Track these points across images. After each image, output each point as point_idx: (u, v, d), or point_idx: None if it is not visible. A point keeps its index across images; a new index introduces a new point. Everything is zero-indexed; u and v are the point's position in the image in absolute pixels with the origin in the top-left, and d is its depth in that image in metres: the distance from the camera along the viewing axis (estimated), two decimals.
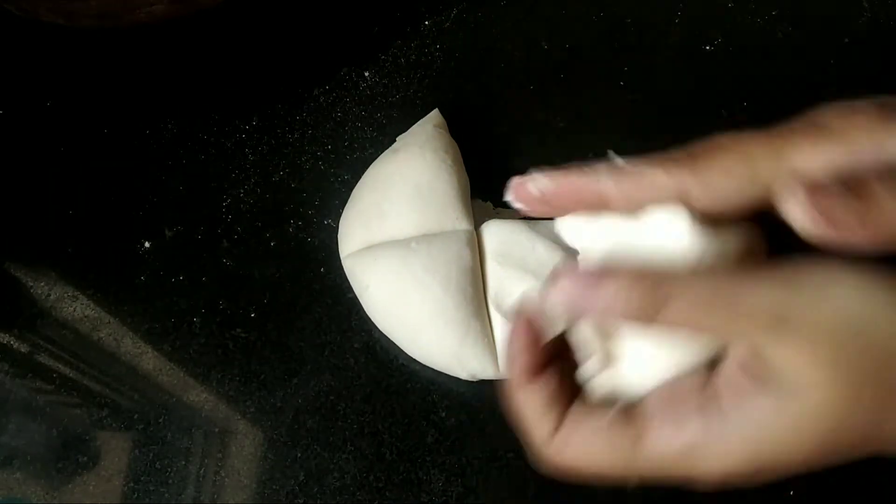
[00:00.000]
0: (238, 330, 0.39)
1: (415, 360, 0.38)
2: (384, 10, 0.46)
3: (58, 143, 0.44)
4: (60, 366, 0.39)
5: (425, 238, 0.37)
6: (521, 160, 0.42)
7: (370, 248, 0.38)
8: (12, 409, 0.39)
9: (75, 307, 0.40)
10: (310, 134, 0.43)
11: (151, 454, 0.38)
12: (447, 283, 0.36)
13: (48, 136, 0.44)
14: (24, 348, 0.40)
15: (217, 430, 0.38)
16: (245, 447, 0.38)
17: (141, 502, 0.37)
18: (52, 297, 0.41)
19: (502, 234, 0.37)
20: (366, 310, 0.38)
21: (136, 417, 0.38)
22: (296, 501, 0.37)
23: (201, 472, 0.37)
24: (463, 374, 0.36)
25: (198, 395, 0.39)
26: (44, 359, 0.40)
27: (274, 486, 0.37)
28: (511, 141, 0.43)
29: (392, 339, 0.38)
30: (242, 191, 0.42)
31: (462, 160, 0.40)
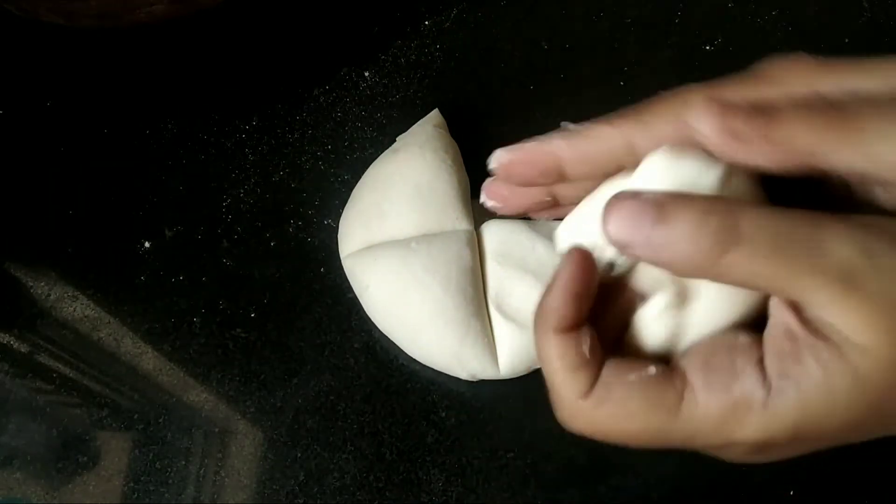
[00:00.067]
0: (238, 330, 0.39)
1: (415, 360, 0.38)
2: (384, 10, 0.46)
3: (58, 143, 0.43)
4: (60, 366, 0.39)
5: (425, 238, 0.37)
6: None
7: (370, 248, 0.38)
8: (12, 409, 0.39)
9: (75, 307, 0.40)
10: (310, 134, 0.43)
11: (151, 454, 0.38)
12: (447, 283, 0.36)
13: (48, 136, 0.44)
14: (24, 348, 0.40)
15: (217, 430, 0.38)
16: (245, 447, 0.38)
17: (141, 502, 0.37)
18: (52, 297, 0.41)
19: (502, 234, 0.37)
20: (366, 310, 0.38)
21: (136, 417, 0.38)
22: (296, 501, 0.37)
23: (201, 472, 0.37)
24: (463, 374, 0.37)
25: (198, 395, 0.39)
26: (44, 359, 0.40)
27: (274, 486, 0.37)
28: (511, 141, 0.42)
29: (392, 339, 0.38)
30: (242, 191, 0.42)
31: (462, 160, 0.40)
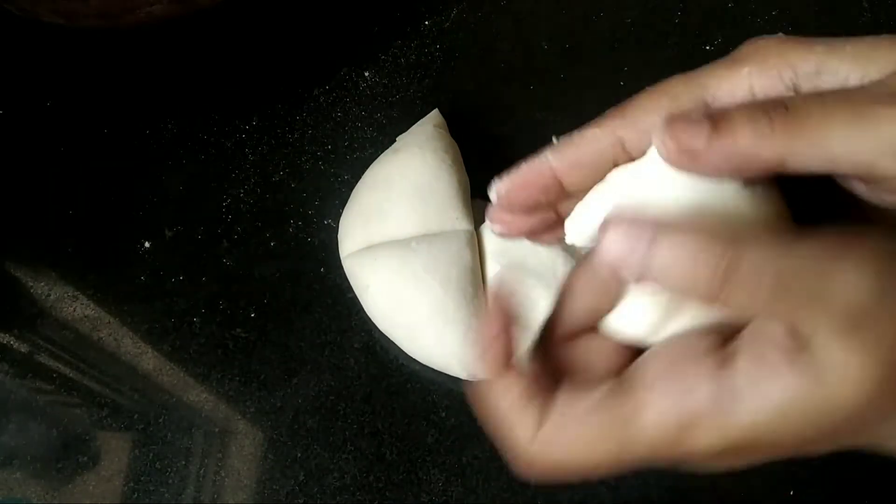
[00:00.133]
0: (238, 330, 0.39)
1: (415, 360, 0.38)
2: (384, 10, 0.46)
3: (58, 143, 0.43)
4: (60, 366, 0.39)
5: (425, 238, 0.37)
6: (521, 160, 0.42)
7: (370, 248, 0.38)
8: (12, 409, 0.39)
9: (75, 307, 0.40)
10: (310, 134, 0.43)
11: (151, 454, 0.38)
12: (447, 283, 0.36)
13: (48, 136, 0.44)
14: (24, 348, 0.40)
15: (217, 430, 0.38)
16: (245, 447, 0.38)
17: (141, 502, 0.37)
18: (52, 297, 0.41)
19: None
20: (366, 310, 0.38)
21: (136, 417, 0.38)
22: (296, 501, 0.37)
23: (201, 472, 0.37)
24: (463, 374, 0.36)
25: (198, 395, 0.39)
26: (44, 359, 0.40)
27: (274, 486, 0.37)
28: (511, 141, 0.43)
29: (392, 339, 0.38)
30: (242, 191, 0.42)
31: (462, 160, 0.40)
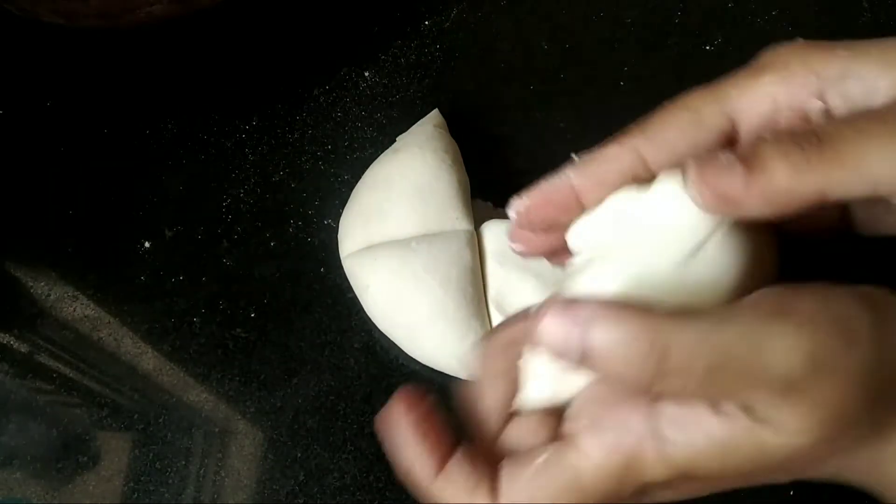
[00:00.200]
0: (238, 330, 0.39)
1: (415, 360, 0.38)
2: (384, 10, 0.46)
3: (58, 143, 0.43)
4: (60, 366, 0.39)
5: (425, 238, 0.37)
6: (521, 160, 0.42)
7: (370, 248, 0.38)
8: (12, 409, 0.39)
9: (75, 307, 0.40)
10: (310, 134, 0.43)
11: (151, 454, 0.38)
12: (447, 283, 0.36)
13: (48, 136, 0.44)
14: (24, 348, 0.40)
15: (217, 430, 0.38)
16: (245, 447, 0.38)
17: (141, 502, 0.37)
18: (52, 297, 0.41)
19: (502, 234, 0.37)
20: (366, 310, 0.38)
21: (136, 417, 0.38)
22: (296, 501, 0.37)
23: (201, 472, 0.37)
24: (463, 375, 0.36)
25: (198, 395, 0.39)
26: (44, 359, 0.40)
27: (274, 486, 0.37)
28: (511, 141, 0.43)
29: (392, 339, 0.38)
30: (242, 191, 0.42)
31: (462, 160, 0.40)
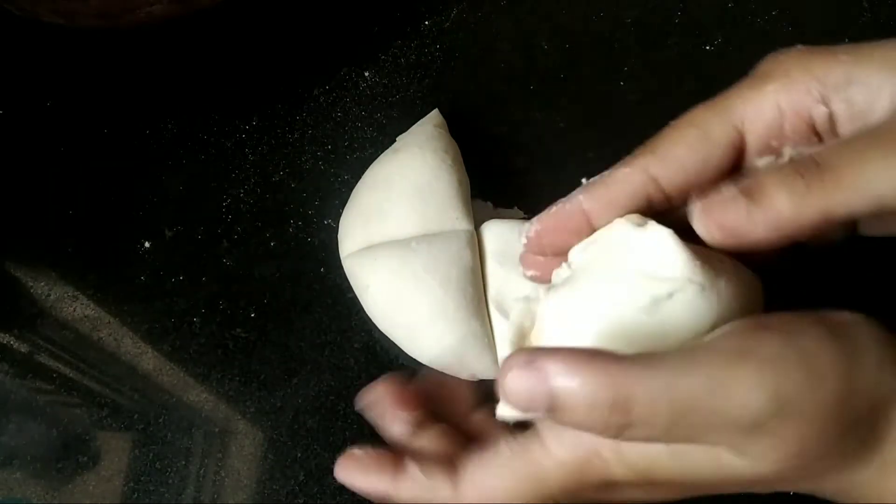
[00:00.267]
0: (238, 330, 0.39)
1: (415, 360, 0.38)
2: (384, 10, 0.46)
3: (58, 143, 0.43)
4: (60, 366, 0.39)
5: (425, 238, 0.37)
6: (521, 160, 0.42)
7: (370, 248, 0.38)
8: (12, 409, 0.39)
9: (75, 307, 0.40)
10: (310, 134, 0.43)
11: (151, 454, 0.38)
12: (447, 283, 0.36)
13: (48, 136, 0.44)
14: (24, 348, 0.40)
15: (217, 430, 0.38)
16: (245, 447, 0.38)
17: (141, 502, 0.37)
18: (52, 297, 0.41)
19: (502, 234, 0.37)
20: (366, 310, 0.38)
21: (136, 417, 0.38)
22: (296, 501, 0.37)
23: (201, 472, 0.37)
24: (463, 374, 0.36)
25: (198, 395, 0.39)
26: (44, 359, 0.40)
27: (274, 486, 0.37)
28: (511, 141, 0.43)
29: (392, 339, 0.38)
30: (242, 191, 0.42)
31: (462, 160, 0.40)
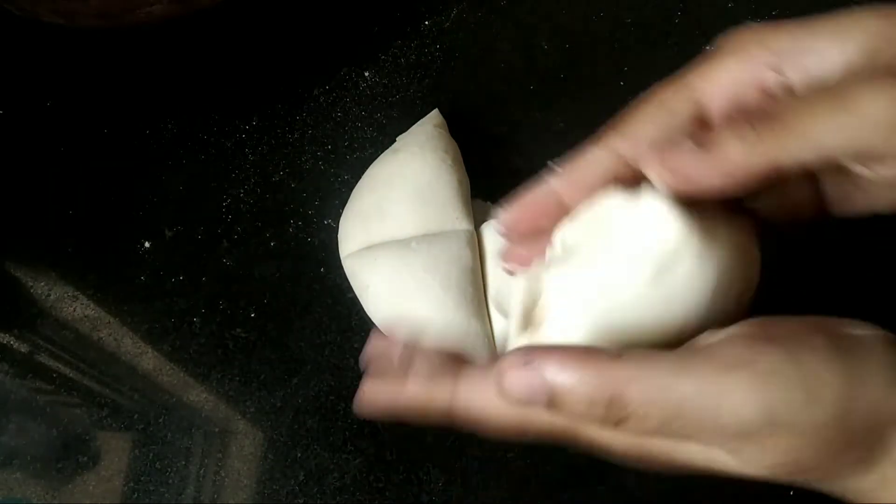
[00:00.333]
0: (238, 330, 0.39)
1: None
2: (384, 10, 0.46)
3: (58, 143, 0.43)
4: (60, 366, 0.39)
5: (425, 238, 0.37)
6: (521, 160, 0.42)
7: (370, 248, 0.38)
8: (12, 409, 0.39)
9: (75, 307, 0.40)
10: (310, 134, 0.43)
11: (151, 454, 0.38)
12: (447, 283, 0.36)
13: (48, 136, 0.44)
14: (24, 348, 0.40)
15: (217, 430, 0.38)
16: (245, 447, 0.38)
17: (141, 502, 0.37)
18: (52, 297, 0.41)
19: None
20: (366, 310, 0.38)
21: (136, 417, 0.38)
22: (296, 501, 0.37)
23: (201, 472, 0.37)
24: None
25: (198, 395, 0.39)
26: (44, 359, 0.40)
27: (274, 486, 0.37)
28: (511, 141, 0.43)
29: None
30: (242, 191, 0.42)
31: (462, 160, 0.40)
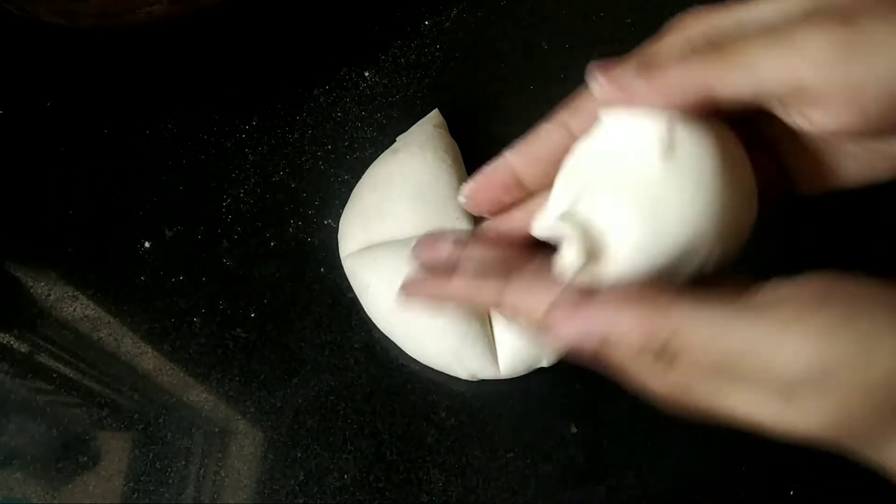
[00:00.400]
0: (238, 330, 0.39)
1: (415, 360, 0.38)
2: (384, 10, 0.46)
3: (58, 143, 0.43)
4: (60, 366, 0.39)
5: None
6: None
7: (370, 248, 0.38)
8: (12, 409, 0.39)
9: (75, 307, 0.40)
10: (310, 134, 0.43)
11: (151, 454, 0.38)
12: None
13: (48, 136, 0.44)
14: (24, 348, 0.40)
15: (217, 430, 0.38)
16: (245, 447, 0.38)
17: (141, 502, 0.37)
18: (52, 297, 0.41)
19: None
20: (366, 310, 0.38)
21: (136, 417, 0.38)
22: (296, 501, 0.37)
23: (201, 472, 0.37)
24: (463, 374, 0.36)
25: (198, 395, 0.39)
26: (44, 359, 0.40)
27: (274, 486, 0.37)
28: (511, 141, 0.43)
29: (392, 339, 0.38)
30: (242, 191, 0.42)
31: (462, 160, 0.40)
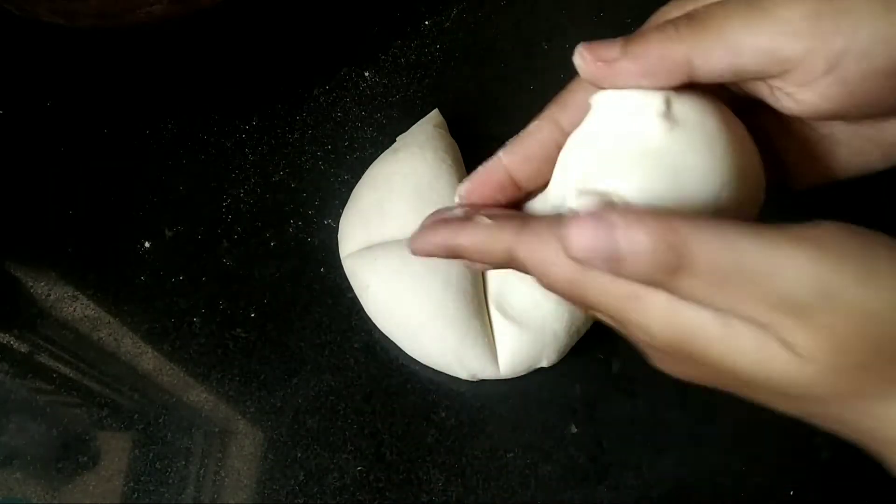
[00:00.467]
0: (238, 330, 0.39)
1: (415, 360, 0.38)
2: (384, 10, 0.46)
3: (58, 143, 0.44)
4: (60, 366, 0.39)
5: None
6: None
7: (370, 248, 0.38)
8: (12, 409, 0.39)
9: (75, 307, 0.40)
10: (310, 134, 0.43)
11: (151, 454, 0.38)
12: (447, 283, 0.36)
13: (48, 136, 0.44)
14: (24, 348, 0.40)
15: (217, 430, 0.38)
16: (245, 447, 0.38)
17: (141, 502, 0.37)
18: (52, 297, 0.41)
19: None
20: (366, 310, 0.38)
21: (136, 417, 0.38)
22: (296, 501, 0.37)
23: (201, 472, 0.37)
24: (463, 374, 0.37)
25: (198, 395, 0.39)
26: (44, 359, 0.40)
27: (274, 486, 0.37)
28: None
29: (392, 339, 0.38)
30: (242, 191, 0.42)
31: (462, 160, 0.40)
